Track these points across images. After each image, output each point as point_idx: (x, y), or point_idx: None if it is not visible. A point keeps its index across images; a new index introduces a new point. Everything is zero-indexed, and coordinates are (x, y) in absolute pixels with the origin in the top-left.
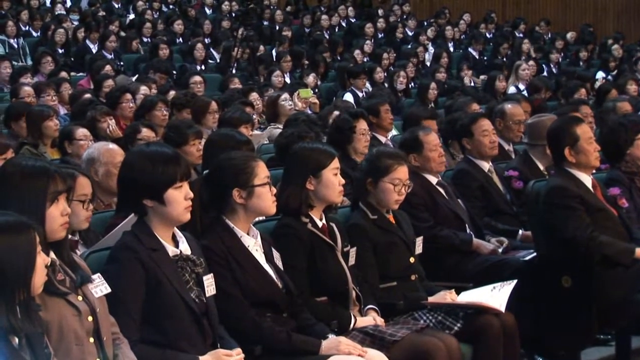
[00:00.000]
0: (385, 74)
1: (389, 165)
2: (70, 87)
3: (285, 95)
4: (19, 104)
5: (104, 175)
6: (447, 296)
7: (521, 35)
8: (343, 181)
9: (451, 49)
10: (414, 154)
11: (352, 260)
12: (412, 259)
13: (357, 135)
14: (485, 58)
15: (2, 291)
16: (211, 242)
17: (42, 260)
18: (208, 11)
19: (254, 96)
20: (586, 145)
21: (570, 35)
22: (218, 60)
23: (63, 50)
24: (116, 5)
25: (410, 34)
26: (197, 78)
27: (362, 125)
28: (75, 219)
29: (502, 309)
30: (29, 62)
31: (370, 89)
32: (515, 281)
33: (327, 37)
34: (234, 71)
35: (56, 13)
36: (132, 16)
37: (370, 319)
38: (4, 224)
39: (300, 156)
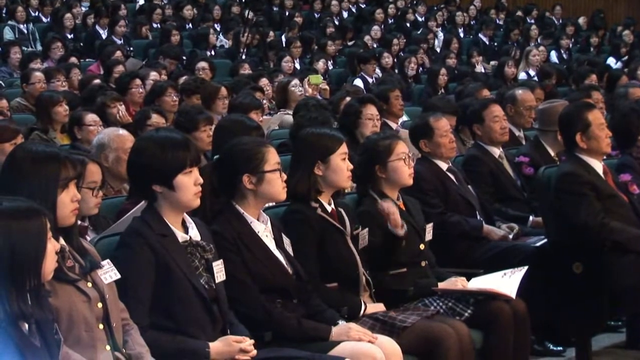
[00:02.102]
0: (395, 59)
1: (388, 145)
2: (80, 72)
3: (296, 81)
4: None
5: (114, 161)
6: (457, 282)
7: (532, 21)
8: (351, 166)
9: (461, 35)
10: (424, 140)
11: (363, 243)
12: (422, 246)
13: (363, 121)
14: (495, 44)
15: (13, 277)
16: (221, 228)
17: (53, 246)
18: None
19: (263, 82)
20: (597, 131)
21: (582, 20)
22: (227, 46)
23: (72, 35)
24: None
25: (420, 19)
26: (203, 64)
27: (370, 110)
28: (84, 206)
29: (513, 295)
30: (39, 48)
31: (380, 74)
32: (526, 267)
33: (337, 22)
34: (243, 57)
35: None
36: (141, 2)
37: (381, 305)
38: (15, 209)
39: (308, 141)
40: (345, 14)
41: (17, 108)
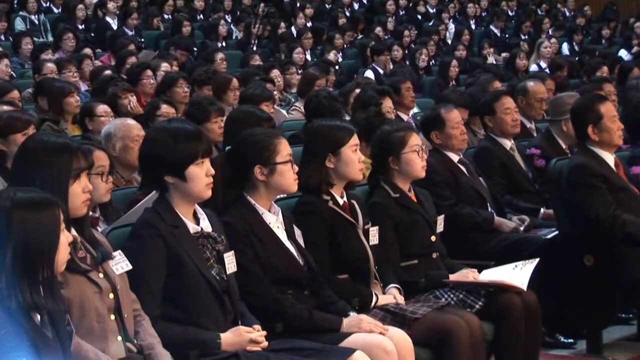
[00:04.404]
0: (406, 51)
1: (402, 137)
2: (91, 63)
3: (322, 82)
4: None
5: (122, 150)
6: (468, 274)
7: (543, 13)
8: (363, 157)
9: (472, 27)
10: (436, 132)
11: (374, 240)
12: (433, 237)
13: None
14: (506, 35)
15: (26, 268)
16: (232, 219)
17: (66, 237)
18: None
19: (275, 73)
20: (609, 123)
21: (588, 9)
22: (238, 37)
23: (84, 26)
24: None
25: (431, 11)
26: (222, 55)
27: (388, 103)
28: (95, 193)
29: (524, 287)
30: (50, 39)
31: (391, 66)
32: (537, 260)
33: (348, 14)
34: (254, 48)
35: None
36: None
37: (391, 297)
38: (29, 200)
39: (318, 134)
40: (356, 6)
41: (29, 99)
